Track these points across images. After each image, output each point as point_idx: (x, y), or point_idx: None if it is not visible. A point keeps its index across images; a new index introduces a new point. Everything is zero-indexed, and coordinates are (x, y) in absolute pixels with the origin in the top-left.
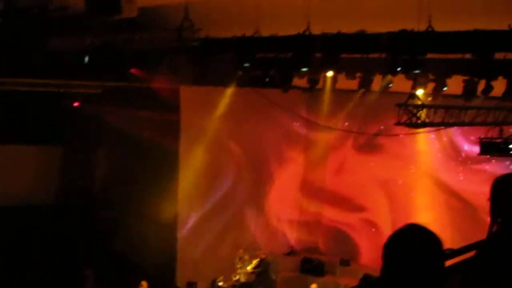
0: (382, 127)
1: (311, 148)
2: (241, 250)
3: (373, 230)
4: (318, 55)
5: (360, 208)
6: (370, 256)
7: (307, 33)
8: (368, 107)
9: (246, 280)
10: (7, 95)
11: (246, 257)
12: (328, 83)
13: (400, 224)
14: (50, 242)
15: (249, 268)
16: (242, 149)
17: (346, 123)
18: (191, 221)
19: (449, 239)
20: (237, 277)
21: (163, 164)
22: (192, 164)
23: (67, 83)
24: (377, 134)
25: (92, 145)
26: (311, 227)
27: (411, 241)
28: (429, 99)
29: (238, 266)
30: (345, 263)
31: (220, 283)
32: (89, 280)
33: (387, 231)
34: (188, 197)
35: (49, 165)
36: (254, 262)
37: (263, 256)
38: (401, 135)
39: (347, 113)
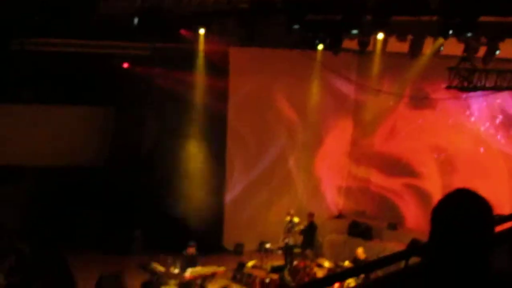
0: (432, 91)
1: (361, 111)
2: (292, 211)
3: (423, 195)
4: (368, 17)
5: (409, 173)
6: (418, 221)
7: None
8: (419, 71)
9: (293, 242)
10: (58, 56)
11: (295, 219)
12: (379, 45)
13: (450, 190)
14: (100, 202)
15: (297, 229)
16: (291, 113)
17: (397, 87)
18: (239, 183)
19: (503, 205)
20: (286, 239)
21: (211, 126)
22: (240, 126)
23: (117, 44)
24: (427, 98)
25: (142, 106)
26: (359, 191)
27: (460, 206)
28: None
29: (286, 228)
30: (392, 227)
31: (268, 245)
32: (138, 241)
33: (437, 197)
34: (236, 159)
35: (100, 126)
36: (302, 224)
37: (311, 219)
38: (452, 99)
39: (398, 77)
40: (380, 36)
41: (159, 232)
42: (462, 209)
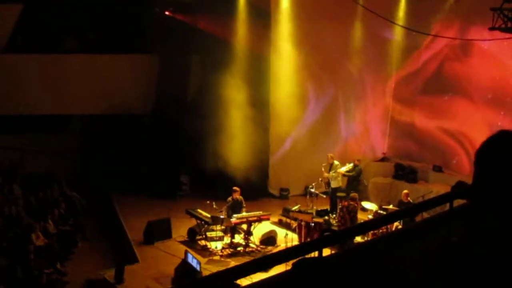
0: (476, 32)
1: (404, 54)
2: (331, 155)
3: (468, 137)
4: None
5: (453, 115)
6: (464, 163)
7: None
8: (462, 12)
9: (337, 185)
10: (102, 5)
11: (335, 162)
12: None
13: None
14: (147, 149)
15: (343, 170)
16: (334, 56)
17: (440, 28)
18: (284, 129)
19: None
20: (322, 178)
21: (255, 71)
22: (283, 69)
23: None
24: (471, 40)
25: (185, 53)
26: (404, 135)
27: (503, 147)
28: None
29: (325, 170)
30: (438, 169)
31: (313, 190)
32: (185, 186)
33: (483, 138)
34: (281, 104)
35: (145, 73)
36: (347, 167)
37: (356, 162)
38: (496, 40)
39: (441, 18)
40: None
41: (206, 177)
42: (505, 150)
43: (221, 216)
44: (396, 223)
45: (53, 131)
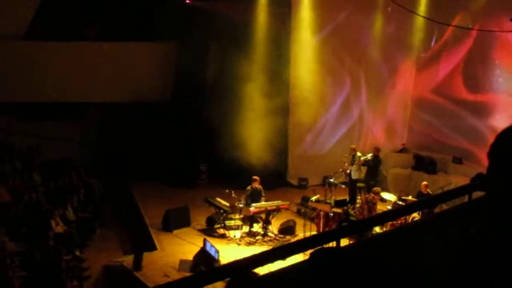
0: (498, 24)
1: (425, 45)
2: (353, 146)
3: (488, 130)
4: None
5: (474, 107)
6: (484, 156)
7: None
8: (486, 3)
9: (357, 176)
10: None
11: (358, 153)
12: None
13: None
14: (165, 137)
15: (359, 161)
16: (353, 45)
17: (461, 20)
18: (303, 118)
19: None
20: (345, 170)
21: (274, 58)
22: (303, 57)
23: None
24: (493, 32)
25: (204, 41)
26: (423, 125)
27: None
28: None
29: (347, 161)
30: (457, 161)
31: (332, 180)
32: (203, 175)
33: None
34: (300, 93)
35: (163, 61)
36: (366, 157)
37: (376, 153)
38: None
39: (463, 9)
40: None
41: (225, 166)
42: None
43: (240, 205)
44: (414, 214)
45: (72, 119)
